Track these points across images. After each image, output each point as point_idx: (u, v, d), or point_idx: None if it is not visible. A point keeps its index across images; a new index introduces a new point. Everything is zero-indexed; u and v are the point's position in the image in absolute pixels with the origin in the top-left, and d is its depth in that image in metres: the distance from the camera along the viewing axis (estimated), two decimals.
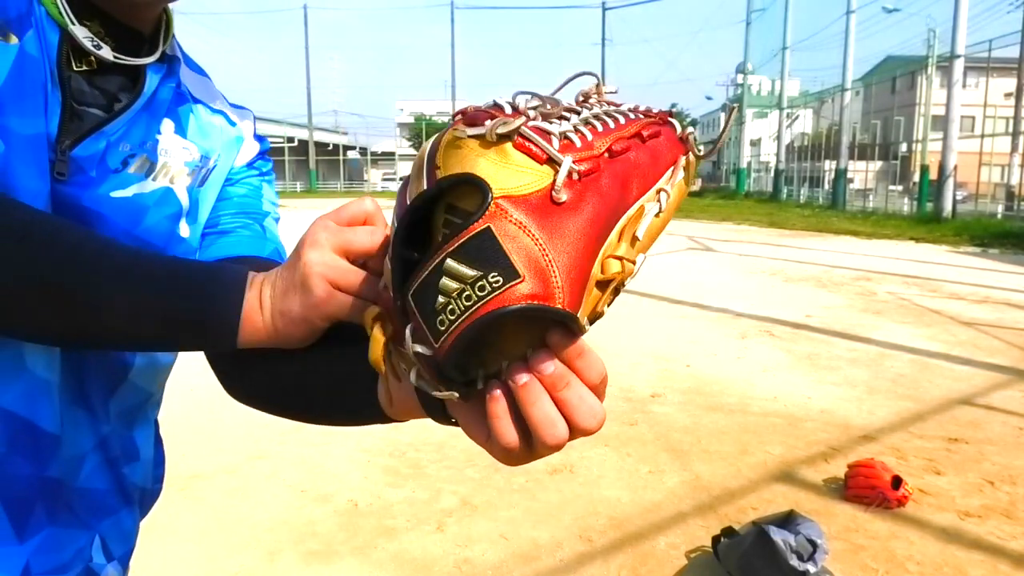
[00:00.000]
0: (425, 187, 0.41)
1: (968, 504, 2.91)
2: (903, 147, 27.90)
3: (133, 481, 0.74)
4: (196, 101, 0.74)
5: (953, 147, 17.48)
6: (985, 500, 2.95)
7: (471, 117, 0.42)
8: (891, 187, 25.93)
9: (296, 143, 45.01)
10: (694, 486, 3.05)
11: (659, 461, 3.31)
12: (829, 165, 27.97)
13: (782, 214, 21.08)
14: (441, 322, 0.39)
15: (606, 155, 0.43)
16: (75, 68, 0.62)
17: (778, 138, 32.67)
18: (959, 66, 17.88)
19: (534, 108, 0.43)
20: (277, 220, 0.83)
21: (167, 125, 0.69)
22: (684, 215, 20.88)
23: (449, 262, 0.39)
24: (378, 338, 0.46)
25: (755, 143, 44.85)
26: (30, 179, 0.57)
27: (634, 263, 0.45)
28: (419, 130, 53.72)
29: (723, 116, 0.50)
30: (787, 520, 2.39)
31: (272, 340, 0.58)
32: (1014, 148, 18.10)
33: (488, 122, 0.41)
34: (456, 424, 0.48)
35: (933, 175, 19.22)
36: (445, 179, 0.40)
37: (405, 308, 0.41)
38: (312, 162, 42.89)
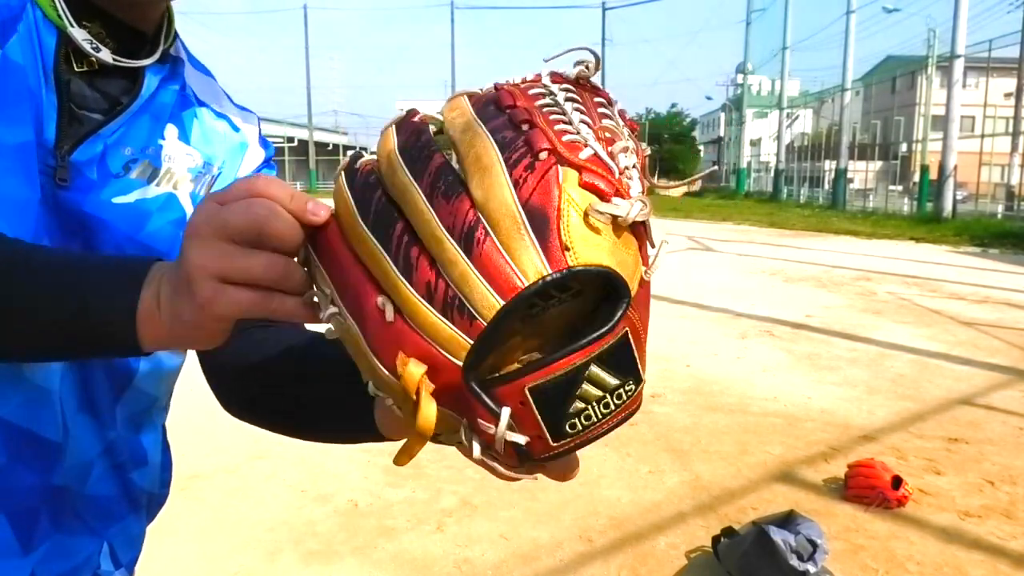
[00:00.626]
0: (545, 266, 0.36)
1: (968, 504, 2.91)
2: (903, 147, 27.89)
3: (141, 486, 0.73)
4: (201, 104, 0.73)
5: (953, 147, 17.47)
6: (985, 500, 2.95)
7: (591, 183, 0.37)
8: (891, 187, 25.93)
9: (296, 143, 44.96)
10: (694, 486, 3.05)
11: (659, 461, 3.31)
12: (829, 165, 27.96)
13: (782, 214, 21.08)
14: (572, 426, 0.38)
15: None
16: (76, 69, 0.61)
17: (778, 138, 32.68)
18: (959, 66, 17.88)
19: (628, 165, 0.39)
20: None
21: (171, 130, 0.69)
22: (684, 215, 20.87)
23: (594, 368, 0.37)
24: (430, 407, 0.39)
25: (755, 143, 44.85)
26: (18, 188, 0.56)
27: None
28: None
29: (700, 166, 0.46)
30: (787, 520, 2.39)
31: (176, 344, 0.49)
32: (1014, 148, 18.09)
33: (619, 200, 0.37)
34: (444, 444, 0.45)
35: (933, 175, 19.22)
36: (584, 271, 0.36)
37: (501, 393, 0.38)
38: (312, 162, 42.85)
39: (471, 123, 0.39)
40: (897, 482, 2.86)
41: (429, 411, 0.38)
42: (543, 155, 0.37)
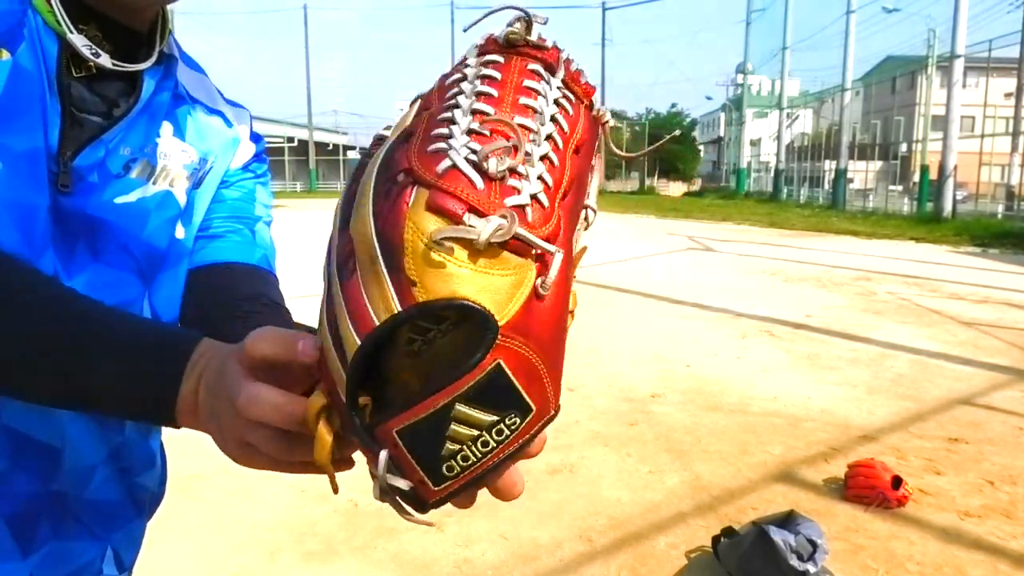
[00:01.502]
0: (396, 304, 0.33)
1: (968, 504, 2.91)
2: (903, 147, 27.89)
3: (147, 488, 0.74)
4: (194, 102, 0.74)
5: (953, 147, 17.47)
6: (985, 500, 2.95)
7: (438, 203, 0.33)
8: (891, 187, 25.93)
9: (296, 143, 44.97)
10: (694, 486, 3.05)
11: (659, 461, 3.31)
12: (829, 165, 27.96)
13: (782, 214, 21.07)
14: (450, 468, 0.35)
15: (560, 199, 0.36)
16: (75, 74, 0.61)
17: (778, 138, 32.67)
18: (959, 66, 17.88)
19: (506, 168, 0.34)
20: (269, 223, 0.83)
21: (166, 128, 0.69)
22: (684, 215, 20.87)
23: (460, 408, 0.34)
24: (325, 440, 0.39)
25: (755, 143, 44.84)
26: (29, 195, 0.57)
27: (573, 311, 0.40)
28: None
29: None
30: (787, 520, 2.39)
31: None
32: (1014, 148, 18.09)
33: (470, 218, 0.33)
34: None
35: (933, 175, 19.22)
36: (432, 304, 0.33)
37: (378, 435, 0.35)
38: (312, 162, 42.87)
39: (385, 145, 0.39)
40: (897, 482, 2.86)
41: (323, 441, 0.39)
42: (400, 177, 0.35)
